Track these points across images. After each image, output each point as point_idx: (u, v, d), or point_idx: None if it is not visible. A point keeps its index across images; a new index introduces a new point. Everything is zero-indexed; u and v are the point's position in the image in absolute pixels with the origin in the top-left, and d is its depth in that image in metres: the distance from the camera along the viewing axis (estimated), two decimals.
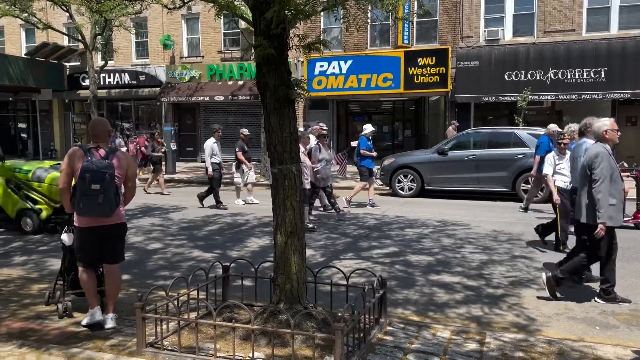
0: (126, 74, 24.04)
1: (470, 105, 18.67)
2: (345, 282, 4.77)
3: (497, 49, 18.23)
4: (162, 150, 15.17)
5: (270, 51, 4.12)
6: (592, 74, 16.98)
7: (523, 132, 12.96)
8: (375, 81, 19.61)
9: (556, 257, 7.26)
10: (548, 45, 17.62)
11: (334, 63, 20.03)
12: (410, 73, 19.10)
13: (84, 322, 4.54)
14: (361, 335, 3.98)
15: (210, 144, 11.81)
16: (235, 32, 22.09)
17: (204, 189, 12.29)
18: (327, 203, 10.68)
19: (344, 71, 19.98)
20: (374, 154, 11.65)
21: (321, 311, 4.22)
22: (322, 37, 4.62)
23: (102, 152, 4.47)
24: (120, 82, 24.13)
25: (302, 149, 8.87)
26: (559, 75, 17.32)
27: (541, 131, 13.17)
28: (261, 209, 11.31)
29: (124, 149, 15.70)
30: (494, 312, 5.26)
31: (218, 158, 11.85)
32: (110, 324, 4.49)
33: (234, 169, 12.42)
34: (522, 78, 17.64)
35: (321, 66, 20.14)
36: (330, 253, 7.63)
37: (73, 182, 4.50)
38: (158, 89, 23.29)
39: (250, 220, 10.20)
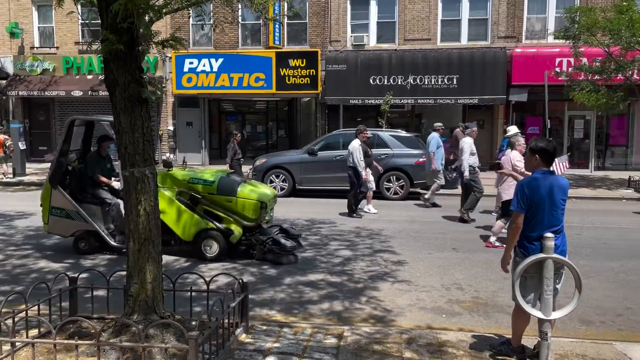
0: None
1: (340, 107, 19.35)
2: (206, 288, 4.65)
3: (363, 54, 19.11)
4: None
5: (119, 46, 3.87)
6: (446, 81, 18.54)
7: (385, 134, 13.74)
8: (247, 80, 19.48)
9: (415, 251, 7.81)
10: (408, 53, 18.88)
11: (204, 60, 19.52)
12: (282, 74, 19.28)
13: None
14: (220, 341, 3.91)
15: (357, 145, 10.64)
16: (95, 23, 20.53)
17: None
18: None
19: (215, 69, 19.55)
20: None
21: (178, 320, 4.07)
22: (177, 34, 4.42)
23: None
24: None
25: (518, 157, 7.75)
26: (418, 80, 18.65)
27: (402, 133, 14.13)
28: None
29: None
30: (353, 307, 5.49)
31: (362, 162, 10.65)
32: None
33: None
34: (386, 82, 18.70)
35: (191, 63, 19.50)
36: (196, 257, 7.40)
37: None
38: (4, 81, 20.86)
39: None
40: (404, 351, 4.20)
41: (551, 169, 4.04)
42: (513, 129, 11.21)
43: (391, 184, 13.09)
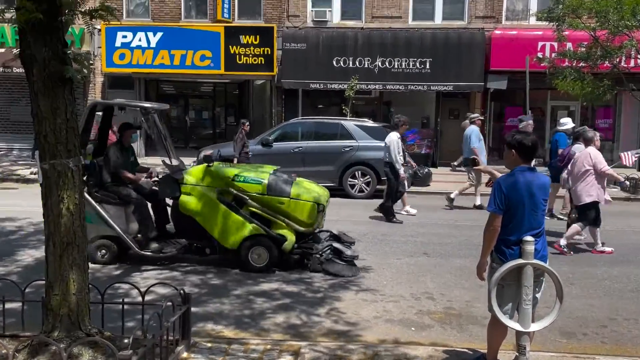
0: None
1: (298, 91, 19.32)
2: (141, 300, 4.58)
3: (325, 32, 19.14)
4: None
5: (37, 15, 3.75)
6: (417, 65, 18.80)
7: (350, 123, 13.82)
8: (191, 59, 19.20)
9: (382, 256, 7.90)
10: (376, 32, 19.04)
11: (140, 34, 19.11)
12: (232, 52, 19.09)
13: None
14: None
15: (395, 138, 10.43)
16: None
17: None
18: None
19: (152, 45, 19.17)
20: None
21: (108, 337, 3.99)
22: (108, 3, 4.35)
23: None
24: None
25: (595, 151, 8.27)
26: (387, 64, 18.82)
27: (369, 123, 14.27)
28: None
29: None
30: (312, 320, 5.53)
31: (401, 157, 10.49)
32: None
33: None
34: (351, 65, 18.79)
35: (124, 37, 19.03)
36: (129, 264, 7.27)
37: None
38: None
39: (24, 227, 9.27)
40: None
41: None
42: (569, 122, 11.23)
43: (356, 181, 13.18)
